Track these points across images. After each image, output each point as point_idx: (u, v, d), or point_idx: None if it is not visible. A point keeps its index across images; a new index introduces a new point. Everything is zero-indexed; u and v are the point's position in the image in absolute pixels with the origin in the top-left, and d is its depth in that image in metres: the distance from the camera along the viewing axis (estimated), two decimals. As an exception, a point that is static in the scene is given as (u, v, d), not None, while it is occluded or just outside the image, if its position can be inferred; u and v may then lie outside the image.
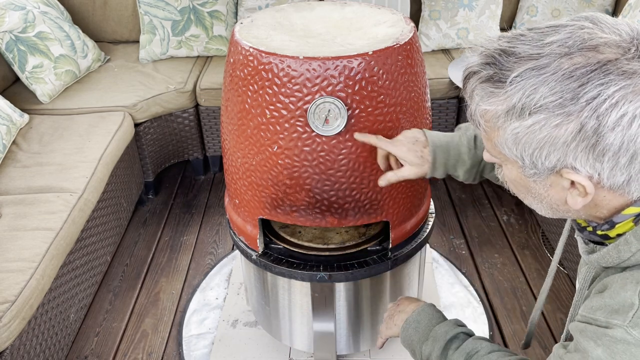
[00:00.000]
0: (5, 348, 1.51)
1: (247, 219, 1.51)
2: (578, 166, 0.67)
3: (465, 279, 2.17)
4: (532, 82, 0.65)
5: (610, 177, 0.67)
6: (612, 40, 0.65)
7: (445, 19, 2.98)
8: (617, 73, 0.62)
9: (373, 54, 1.25)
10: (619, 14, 2.68)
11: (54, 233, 1.78)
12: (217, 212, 2.64)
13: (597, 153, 0.65)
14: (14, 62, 2.49)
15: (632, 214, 0.73)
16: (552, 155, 0.68)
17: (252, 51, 1.28)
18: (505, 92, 0.67)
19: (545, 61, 0.65)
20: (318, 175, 1.34)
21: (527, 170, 0.72)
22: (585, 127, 0.64)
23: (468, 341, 1.03)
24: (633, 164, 0.66)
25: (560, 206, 0.76)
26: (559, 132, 0.65)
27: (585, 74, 0.63)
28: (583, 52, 0.64)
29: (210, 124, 2.78)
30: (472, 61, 0.72)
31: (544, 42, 0.67)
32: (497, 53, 0.69)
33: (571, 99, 0.63)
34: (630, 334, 0.68)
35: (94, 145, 2.23)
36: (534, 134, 0.67)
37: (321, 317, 1.60)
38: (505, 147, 0.71)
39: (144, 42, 2.92)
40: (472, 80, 0.71)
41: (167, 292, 2.18)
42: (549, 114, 0.65)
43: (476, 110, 0.72)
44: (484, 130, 0.74)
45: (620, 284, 0.72)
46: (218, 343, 1.91)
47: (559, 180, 0.71)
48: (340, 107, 1.25)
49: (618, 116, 0.62)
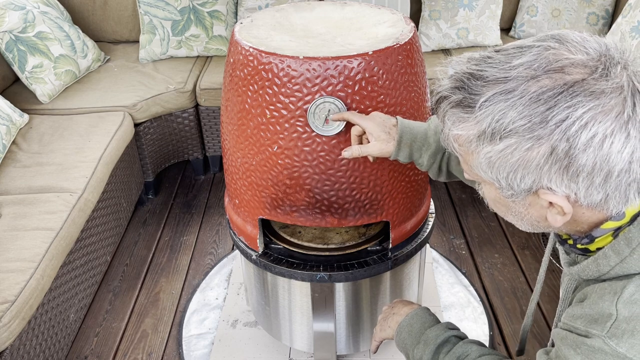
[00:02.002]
0: (5, 348, 1.51)
1: (247, 219, 1.51)
2: (554, 187, 0.67)
3: (465, 279, 2.17)
4: (500, 106, 0.65)
5: (587, 196, 0.67)
6: (579, 60, 0.64)
7: (445, 19, 2.98)
8: (584, 94, 0.62)
9: (373, 54, 1.25)
10: (619, 14, 2.68)
11: (54, 233, 1.78)
12: (217, 212, 2.64)
13: (571, 174, 0.65)
14: (14, 62, 2.49)
15: (610, 229, 0.73)
16: (526, 178, 0.68)
17: (252, 51, 1.28)
18: (475, 117, 0.67)
19: (512, 85, 0.65)
20: (318, 175, 1.34)
21: (505, 192, 0.73)
22: (557, 150, 0.64)
23: (458, 345, 1.03)
24: (608, 182, 0.65)
25: (540, 223, 0.76)
26: (531, 155, 0.65)
27: (553, 96, 0.63)
28: (549, 74, 0.64)
29: (210, 124, 2.78)
30: (443, 85, 0.71)
31: (511, 64, 0.66)
32: (466, 77, 0.68)
33: (540, 122, 0.63)
34: (608, 345, 0.69)
35: (94, 145, 2.23)
36: (507, 158, 0.67)
37: (321, 317, 1.60)
38: (481, 170, 0.71)
39: (144, 42, 2.92)
40: (443, 104, 0.71)
41: (167, 292, 2.18)
42: (520, 138, 0.65)
43: (449, 134, 0.72)
44: (459, 153, 0.74)
45: (599, 294, 0.72)
46: (218, 343, 1.91)
47: (537, 200, 0.71)
48: (340, 107, 1.25)
49: (589, 137, 0.62)
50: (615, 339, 0.69)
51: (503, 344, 1.92)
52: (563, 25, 3.00)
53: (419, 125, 1.14)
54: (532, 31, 3.09)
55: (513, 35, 3.17)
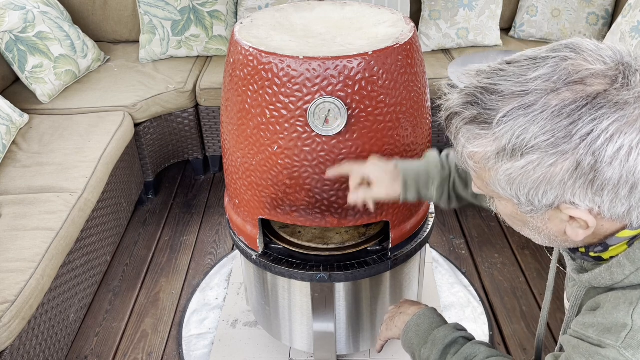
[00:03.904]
0: (5, 348, 1.51)
1: (247, 219, 1.51)
2: (577, 202, 0.65)
3: (465, 279, 2.17)
4: (520, 121, 0.62)
5: (611, 209, 0.65)
6: (598, 70, 0.62)
7: (445, 19, 2.98)
8: (608, 106, 0.60)
9: (373, 54, 1.25)
10: (619, 14, 2.68)
11: (54, 233, 1.78)
12: (217, 212, 2.64)
13: (596, 188, 0.63)
14: (14, 62, 2.49)
15: (626, 237, 0.72)
16: (549, 194, 0.66)
17: (252, 51, 1.28)
18: (493, 133, 0.64)
19: (531, 99, 0.62)
20: (318, 175, 1.34)
21: (524, 208, 0.70)
22: (582, 164, 0.62)
23: (467, 345, 1.02)
24: (633, 194, 0.64)
25: (559, 237, 0.74)
26: (555, 171, 0.63)
27: (576, 110, 0.61)
28: (570, 87, 0.62)
29: (210, 124, 2.78)
30: (453, 100, 0.68)
31: (527, 77, 0.64)
32: (479, 92, 0.65)
33: (564, 137, 0.61)
34: (623, 355, 0.68)
35: (93, 145, 2.23)
36: (529, 174, 0.65)
37: (321, 317, 1.60)
38: (499, 186, 0.69)
39: (144, 42, 2.92)
40: (455, 121, 0.68)
41: (167, 292, 2.18)
42: (543, 153, 0.62)
43: (463, 151, 0.69)
44: (474, 170, 0.72)
45: (614, 303, 0.71)
46: (218, 343, 1.91)
47: (558, 214, 0.69)
48: (340, 107, 1.25)
49: (615, 150, 0.60)
50: (631, 350, 0.67)
51: (503, 344, 1.92)
52: (563, 25, 3.00)
53: (418, 164, 1.14)
54: (532, 31, 3.09)
55: (513, 35, 3.17)
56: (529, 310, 2.03)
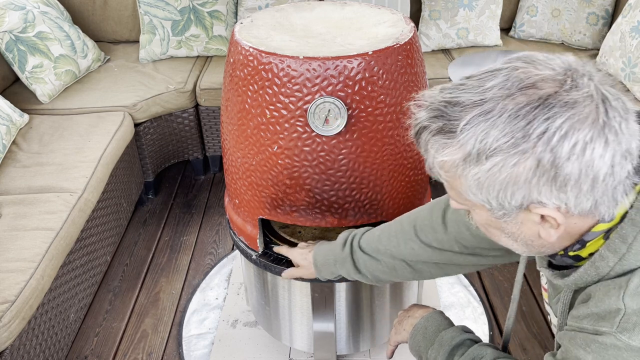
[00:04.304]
0: (5, 348, 1.51)
1: (247, 219, 1.51)
2: (544, 200, 0.68)
3: (465, 279, 2.17)
4: (481, 127, 0.66)
5: (577, 205, 0.68)
6: (548, 75, 0.67)
7: (445, 19, 2.98)
8: (559, 105, 0.64)
9: (373, 54, 1.25)
10: (619, 14, 2.68)
11: (54, 233, 1.78)
12: (217, 212, 2.64)
13: (559, 184, 0.66)
14: (14, 62, 2.49)
15: (601, 231, 0.73)
16: (517, 194, 0.69)
17: (252, 51, 1.28)
18: (458, 141, 0.68)
19: (490, 105, 0.67)
20: (318, 175, 1.34)
21: (496, 212, 0.73)
22: (542, 161, 0.65)
23: (473, 347, 1.03)
24: (595, 188, 0.67)
25: (534, 241, 0.76)
26: (519, 170, 0.66)
27: (530, 111, 0.65)
28: (523, 91, 0.66)
29: (210, 124, 2.78)
30: (420, 116, 0.72)
31: (485, 87, 0.68)
32: (443, 105, 0.70)
33: (522, 137, 0.65)
34: (620, 340, 0.69)
35: (93, 145, 2.23)
36: (495, 176, 0.68)
37: (321, 317, 1.60)
38: (470, 193, 0.72)
39: (144, 42, 2.92)
40: (423, 134, 0.72)
41: (167, 292, 2.18)
42: (505, 154, 0.66)
43: (434, 162, 0.73)
44: (446, 180, 0.75)
45: (604, 291, 0.73)
46: (218, 343, 1.91)
47: (529, 216, 0.72)
48: (340, 107, 1.25)
49: (570, 146, 0.64)
50: (627, 333, 0.69)
51: (503, 344, 1.91)
52: (563, 25, 3.00)
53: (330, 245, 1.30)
54: (532, 31, 3.09)
55: (513, 35, 3.17)
56: (529, 310, 2.03)
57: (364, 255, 1.22)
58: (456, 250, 1.12)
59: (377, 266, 1.21)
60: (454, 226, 1.11)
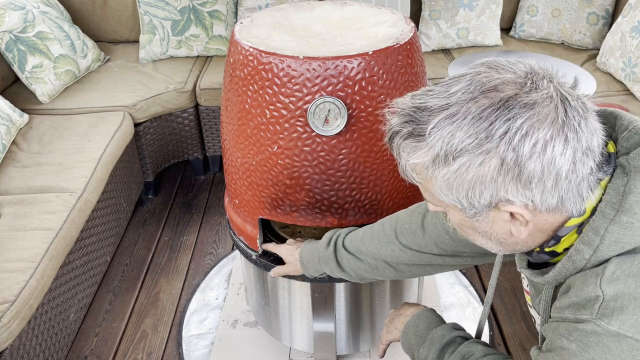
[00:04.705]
0: (5, 348, 1.51)
1: (247, 219, 1.51)
2: (511, 197, 0.71)
3: (465, 279, 2.17)
4: (448, 129, 0.70)
5: (544, 201, 0.71)
6: (508, 78, 0.70)
7: (446, 19, 2.97)
8: (519, 106, 0.68)
9: (373, 54, 1.25)
10: (619, 13, 2.68)
11: (54, 233, 1.78)
12: (217, 212, 2.64)
13: (524, 182, 0.69)
14: (14, 62, 2.49)
15: (574, 225, 0.76)
16: (484, 193, 0.72)
17: (252, 51, 1.28)
18: (427, 144, 0.72)
19: (454, 109, 0.70)
20: (318, 175, 1.34)
21: (468, 212, 0.76)
22: (506, 160, 0.68)
23: (464, 345, 1.04)
24: (559, 184, 0.70)
25: (507, 239, 0.79)
26: (484, 170, 0.69)
27: (492, 112, 0.68)
28: (485, 94, 0.69)
29: (210, 124, 2.78)
30: (393, 122, 0.76)
31: (450, 92, 0.72)
32: (412, 110, 0.74)
33: (485, 137, 0.68)
34: (599, 325, 0.71)
35: (93, 145, 2.23)
36: (463, 176, 0.71)
37: (321, 317, 1.60)
38: (442, 193, 0.75)
39: (144, 42, 2.92)
40: (395, 139, 0.76)
41: (167, 292, 2.18)
42: (471, 155, 0.69)
43: (406, 165, 0.76)
44: (419, 182, 0.78)
45: (582, 280, 0.75)
46: (218, 343, 1.91)
47: (499, 214, 0.75)
48: (340, 107, 1.25)
49: (531, 144, 0.67)
50: (605, 319, 0.70)
51: (503, 344, 1.92)
52: (563, 25, 3.00)
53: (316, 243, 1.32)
54: (532, 31, 3.09)
55: (513, 35, 3.17)
56: (529, 311, 2.02)
57: (347, 254, 1.25)
58: (435, 253, 1.16)
59: (360, 265, 1.24)
60: (433, 230, 1.14)
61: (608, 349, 0.71)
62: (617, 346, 0.70)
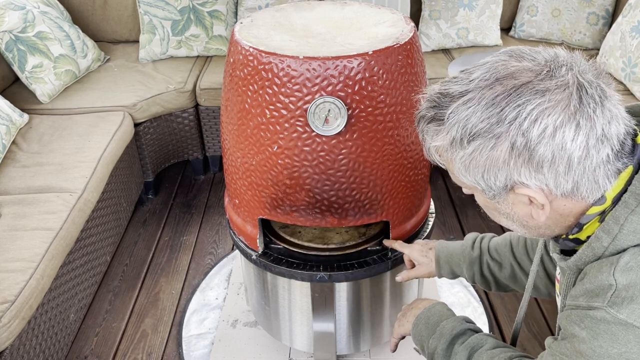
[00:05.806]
0: (5, 348, 1.51)
1: (247, 219, 1.51)
2: (525, 180, 0.74)
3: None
4: (464, 114, 0.74)
5: (558, 186, 0.74)
6: (525, 66, 0.73)
7: (446, 19, 2.97)
8: (530, 93, 0.70)
9: (373, 54, 1.25)
10: (619, 13, 2.68)
11: (54, 233, 1.78)
12: (217, 212, 2.64)
13: (536, 165, 0.72)
14: (14, 62, 2.49)
15: (596, 213, 0.78)
16: (499, 175, 0.75)
17: (252, 51, 1.28)
18: (445, 127, 0.76)
19: (471, 95, 0.74)
20: (318, 175, 1.34)
21: (487, 193, 0.80)
22: (516, 144, 0.71)
23: (474, 336, 1.06)
24: (572, 170, 0.72)
25: (529, 222, 0.82)
26: (496, 153, 0.73)
27: (504, 98, 0.71)
28: (501, 81, 0.73)
29: (210, 124, 2.78)
30: (421, 107, 0.81)
31: (469, 79, 0.76)
32: (437, 96, 0.78)
33: (497, 122, 0.72)
34: (609, 313, 0.72)
35: (93, 145, 2.23)
36: (477, 159, 0.75)
37: (321, 317, 1.60)
38: (461, 175, 0.79)
39: (144, 42, 2.92)
40: (421, 123, 0.81)
41: (167, 292, 2.18)
42: (483, 139, 0.73)
43: (430, 148, 0.81)
44: (441, 164, 0.83)
45: (597, 268, 0.76)
46: (218, 343, 1.91)
47: (518, 197, 0.78)
48: (340, 107, 1.25)
49: (540, 130, 0.70)
50: (616, 307, 0.72)
51: (503, 344, 1.91)
52: (563, 25, 3.00)
53: (454, 244, 1.30)
54: (532, 31, 3.09)
55: (513, 35, 3.17)
56: (529, 311, 2.02)
57: (490, 260, 1.26)
58: None
59: (500, 272, 1.25)
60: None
61: (616, 337, 0.72)
62: (625, 335, 0.71)
